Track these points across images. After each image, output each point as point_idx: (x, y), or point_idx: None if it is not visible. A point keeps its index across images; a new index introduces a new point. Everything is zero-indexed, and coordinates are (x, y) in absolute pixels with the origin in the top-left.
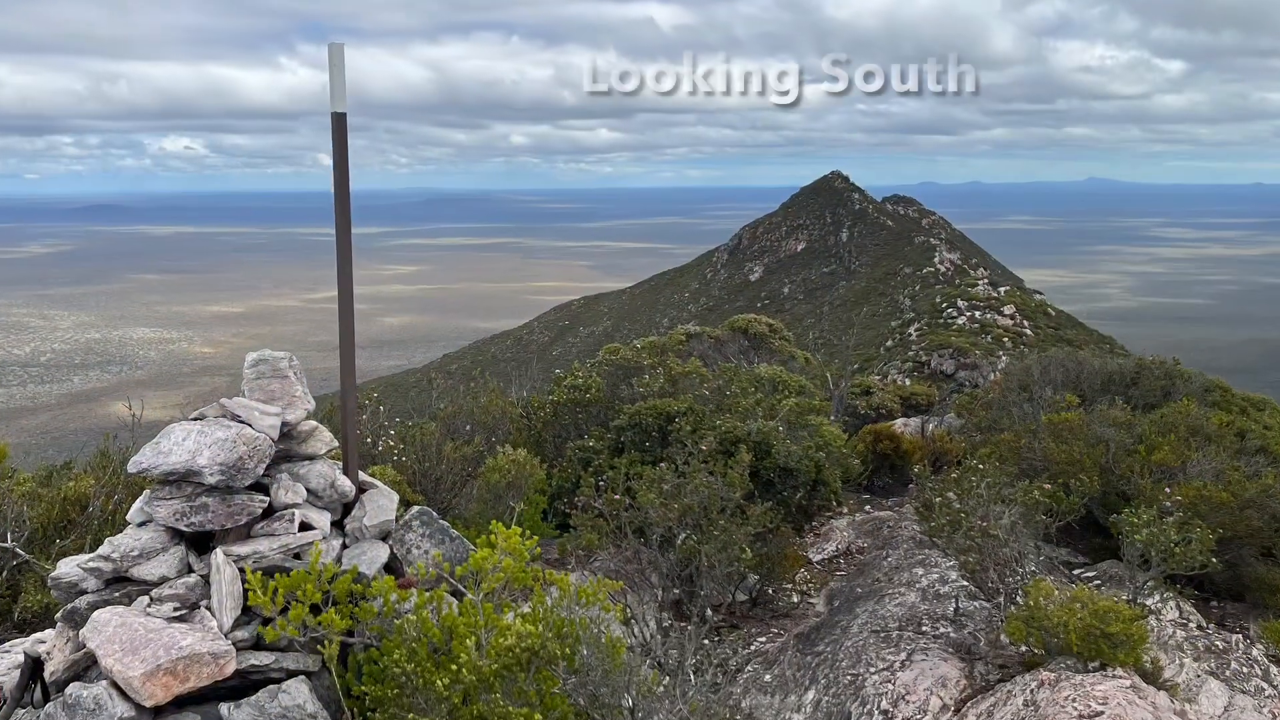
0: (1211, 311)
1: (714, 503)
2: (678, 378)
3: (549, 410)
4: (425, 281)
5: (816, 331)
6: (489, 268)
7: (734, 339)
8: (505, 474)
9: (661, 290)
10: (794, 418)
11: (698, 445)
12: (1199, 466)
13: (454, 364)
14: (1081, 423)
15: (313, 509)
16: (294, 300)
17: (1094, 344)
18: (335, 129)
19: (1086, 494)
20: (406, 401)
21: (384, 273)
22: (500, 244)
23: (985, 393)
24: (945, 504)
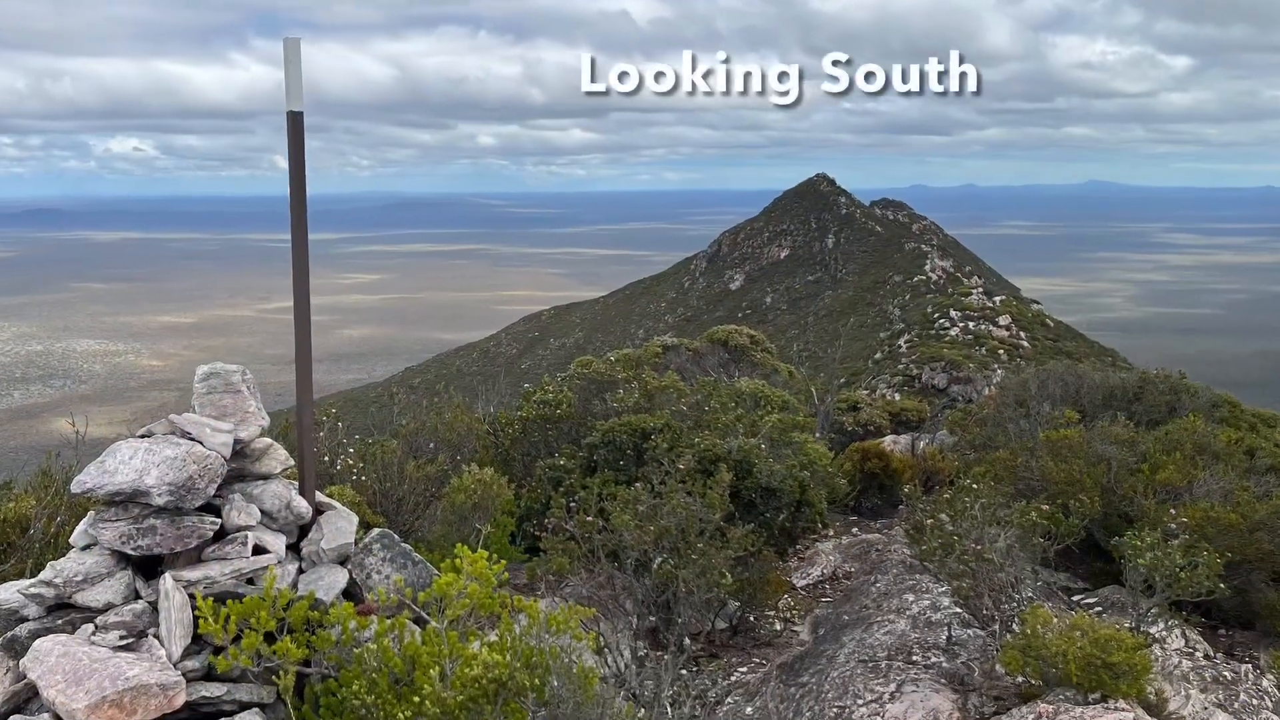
0: (1219, 322)
1: (692, 525)
2: (654, 392)
3: (517, 427)
4: (387, 291)
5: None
6: (454, 276)
7: (713, 351)
8: (471, 494)
9: (637, 300)
10: (777, 435)
11: (675, 464)
12: (1206, 486)
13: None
14: (1081, 440)
15: (267, 531)
16: (248, 310)
17: (1095, 357)
18: (291, 129)
19: (1087, 515)
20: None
21: (343, 281)
22: (466, 251)
23: (979, 408)
24: (937, 526)
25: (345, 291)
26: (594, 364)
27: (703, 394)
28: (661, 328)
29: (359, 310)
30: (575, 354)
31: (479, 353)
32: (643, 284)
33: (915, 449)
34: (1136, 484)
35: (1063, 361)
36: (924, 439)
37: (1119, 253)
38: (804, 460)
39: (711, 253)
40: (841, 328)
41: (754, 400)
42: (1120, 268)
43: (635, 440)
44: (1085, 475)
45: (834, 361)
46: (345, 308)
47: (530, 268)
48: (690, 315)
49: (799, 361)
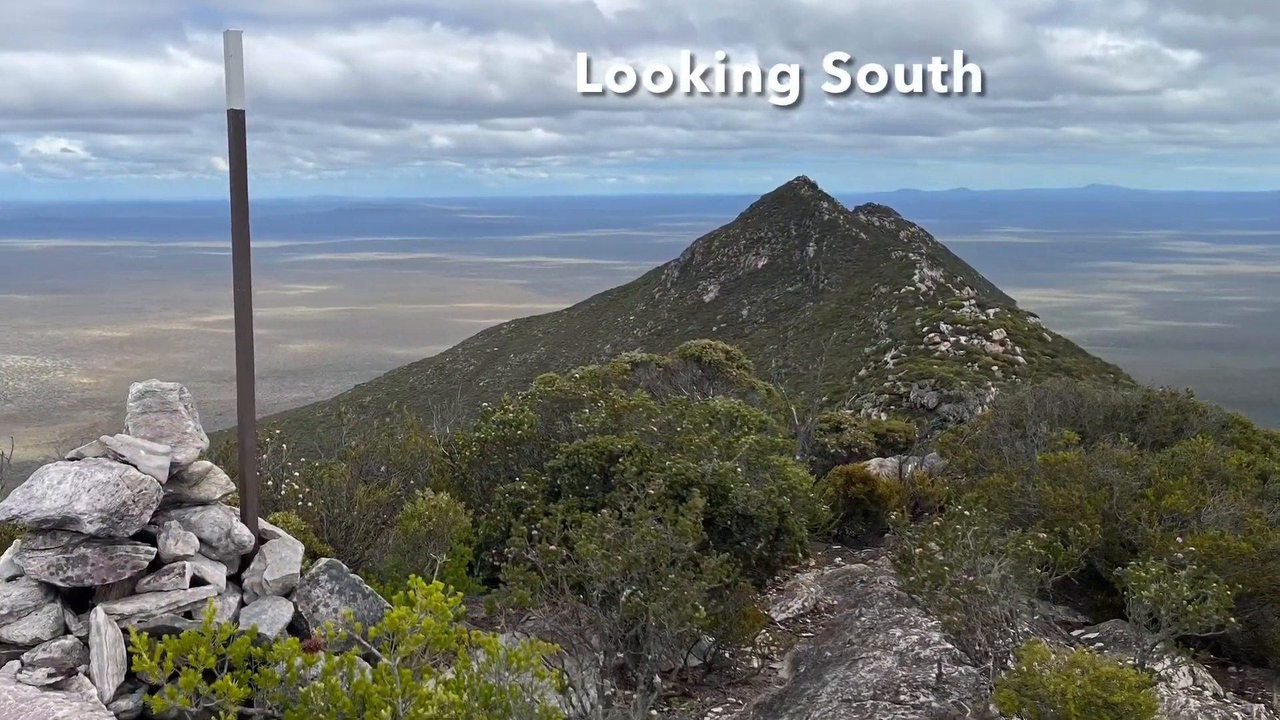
0: (1230, 336)
1: (663, 554)
2: (622, 412)
3: (475, 449)
4: (334, 302)
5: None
6: (407, 287)
7: (686, 368)
8: (425, 522)
9: (603, 312)
10: (754, 458)
11: (644, 489)
12: (1215, 513)
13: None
14: (1081, 463)
15: (206, 561)
16: (185, 324)
17: (1096, 374)
18: (232, 128)
19: (1087, 544)
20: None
21: (288, 293)
22: (420, 260)
23: (972, 429)
24: (926, 556)
25: (290, 303)
26: (557, 381)
27: (674, 414)
28: (630, 342)
29: (305, 323)
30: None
31: (434, 369)
32: (610, 295)
33: (903, 473)
34: (1140, 510)
35: (1061, 379)
36: (912, 462)
37: (1122, 262)
38: (783, 485)
39: (684, 262)
40: (824, 342)
41: (729, 420)
42: (1123, 278)
43: (602, 463)
44: (1085, 501)
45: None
46: (290, 321)
47: (489, 278)
48: (661, 329)
49: (778, 379)
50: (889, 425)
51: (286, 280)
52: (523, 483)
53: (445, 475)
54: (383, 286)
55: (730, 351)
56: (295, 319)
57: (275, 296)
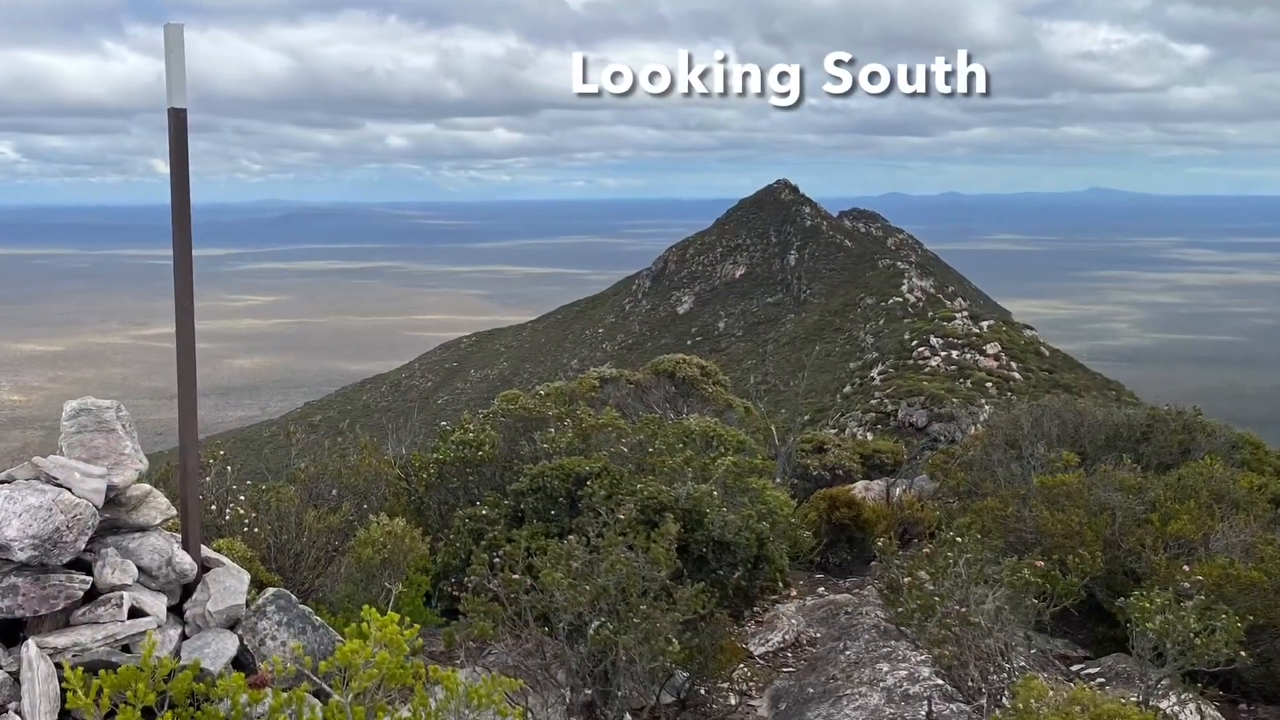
0: (1241, 350)
1: (634, 584)
2: (590, 432)
3: (433, 471)
4: (283, 314)
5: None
6: (360, 298)
7: (658, 384)
8: (380, 549)
9: (570, 325)
10: (731, 480)
11: (614, 514)
12: (1225, 540)
13: (318, 415)
14: (1081, 486)
15: (145, 591)
16: (122, 337)
17: (1097, 390)
18: (173, 128)
19: (1087, 573)
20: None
21: (233, 304)
22: (374, 269)
23: (964, 450)
24: (916, 585)
25: (235, 315)
26: (521, 399)
27: (646, 433)
28: (599, 357)
29: (251, 337)
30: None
31: (389, 386)
32: (577, 307)
33: (890, 496)
34: (1145, 537)
35: (1060, 396)
36: (900, 485)
37: (1125, 271)
38: (762, 509)
39: (656, 271)
40: (806, 357)
41: (705, 440)
42: (1126, 288)
43: (568, 486)
44: (1086, 527)
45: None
46: (235, 334)
47: (447, 288)
48: (632, 343)
49: (757, 396)
50: (875, 446)
51: (231, 290)
52: (484, 507)
53: (401, 499)
54: (334, 297)
55: (706, 367)
56: (241, 332)
57: (219, 308)
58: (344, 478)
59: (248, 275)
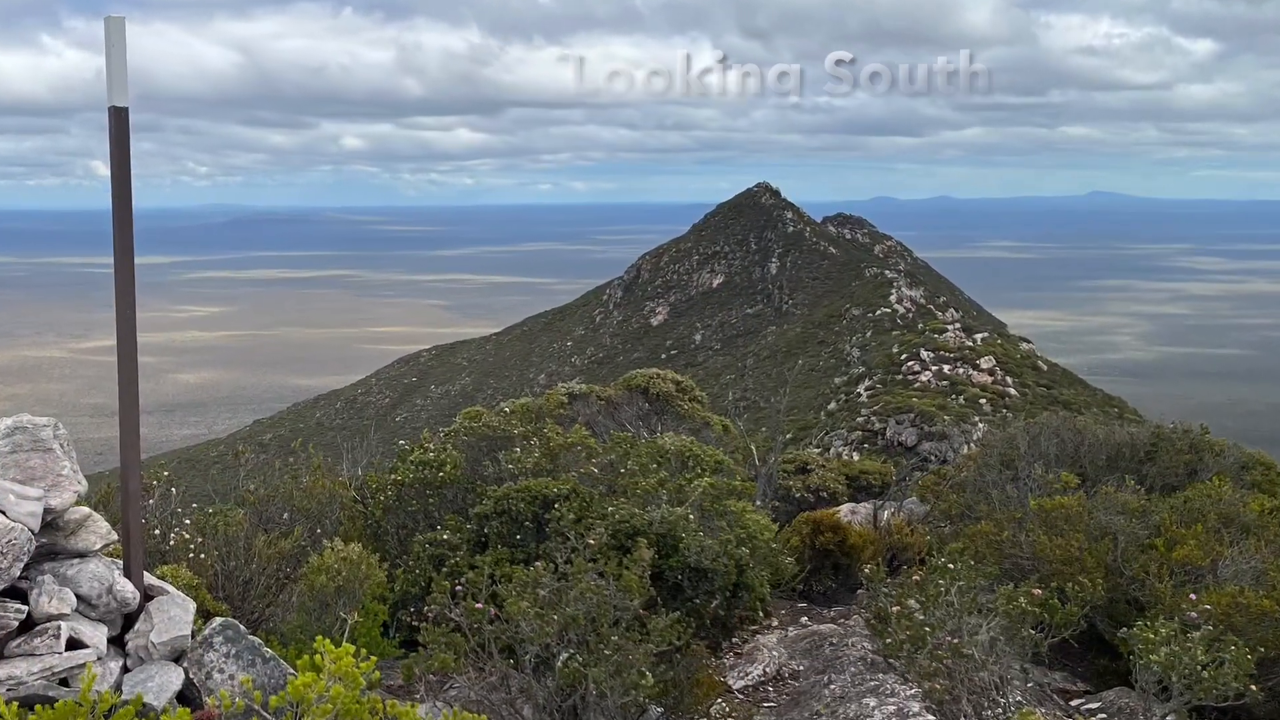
0: (1251, 365)
1: (605, 613)
2: (558, 451)
3: (391, 493)
4: (231, 326)
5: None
6: (314, 308)
7: (631, 400)
8: (334, 576)
9: (537, 338)
10: (709, 503)
11: (584, 539)
12: (1234, 566)
13: (268, 433)
14: (1081, 509)
15: (85, 621)
16: (60, 350)
17: (1098, 407)
18: (114, 127)
19: (1088, 601)
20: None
21: (178, 314)
22: (329, 277)
23: (956, 470)
24: (905, 615)
25: (180, 327)
26: (485, 417)
27: (618, 453)
28: (567, 371)
29: (197, 350)
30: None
31: (343, 402)
32: (544, 318)
33: (878, 520)
34: (1149, 563)
35: (1058, 414)
36: (889, 508)
37: (1127, 280)
38: (742, 534)
39: (628, 280)
40: (788, 372)
41: (681, 461)
42: (1129, 298)
43: (535, 510)
44: (1086, 553)
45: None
46: (180, 347)
47: (406, 298)
48: (603, 356)
49: (736, 413)
50: (862, 466)
51: (176, 301)
52: (445, 532)
53: (357, 523)
54: (286, 308)
55: (681, 382)
56: (186, 345)
57: (163, 319)
58: (296, 500)
59: (194, 285)
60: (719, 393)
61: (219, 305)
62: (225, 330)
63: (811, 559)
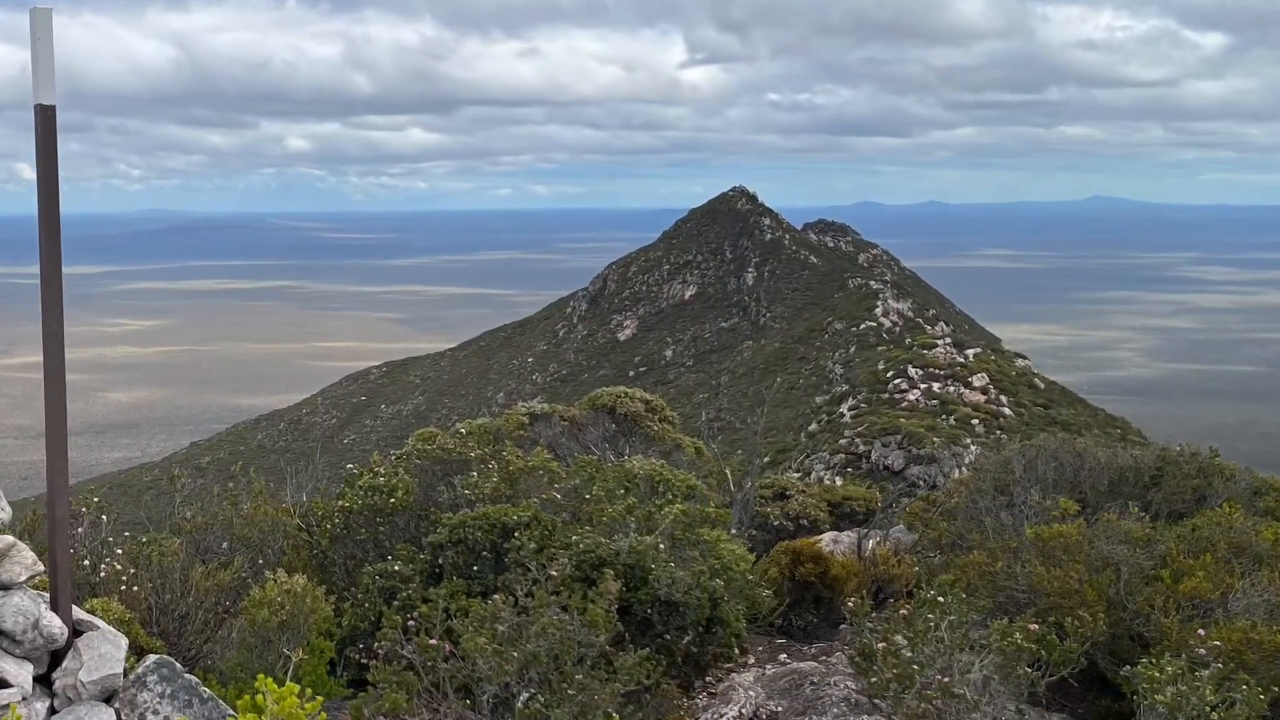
0: (1264, 382)
1: (568, 650)
2: (518, 476)
3: (338, 521)
4: (166, 341)
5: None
6: (256, 321)
7: (596, 421)
8: (277, 610)
9: (495, 353)
10: (680, 531)
11: (546, 570)
12: (1245, 599)
13: (206, 456)
14: (1081, 538)
15: (9, 658)
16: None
17: (1099, 428)
18: (41, 127)
19: (1088, 637)
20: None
21: (109, 329)
22: (272, 288)
23: (947, 496)
24: (891, 652)
25: (112, 342)
26: (439, 438)
27: (582, 478)
28: (528, 390)
29: (130, 367)
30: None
31: (287, 423)
32: (503, 333)
33: (862, 550)
34: (1154, 596)
35: (1057, 435)
36: (874, 537)
37: (1131, 291)
38: (716, 565)
39: (594, 292)
40: (765, 390)
41: (650, 486)
42: (1133, 311)
43: (493, 538)
44: (1086, 585)
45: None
46: (112, 364)
47: (355, 311)
48: (566, 374)
49: (709, 435)
50: (845, 492)
51: (107, 313)
52: (396, 562)
53: (301, 553)
54: (225, 321)
55: (651, 402)
56: (118, 361)
57: (94, 333)
58: (236, 529)
59: (126, 296)
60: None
61: (153, 318)
62: (160, 345)
63: (791, 591)
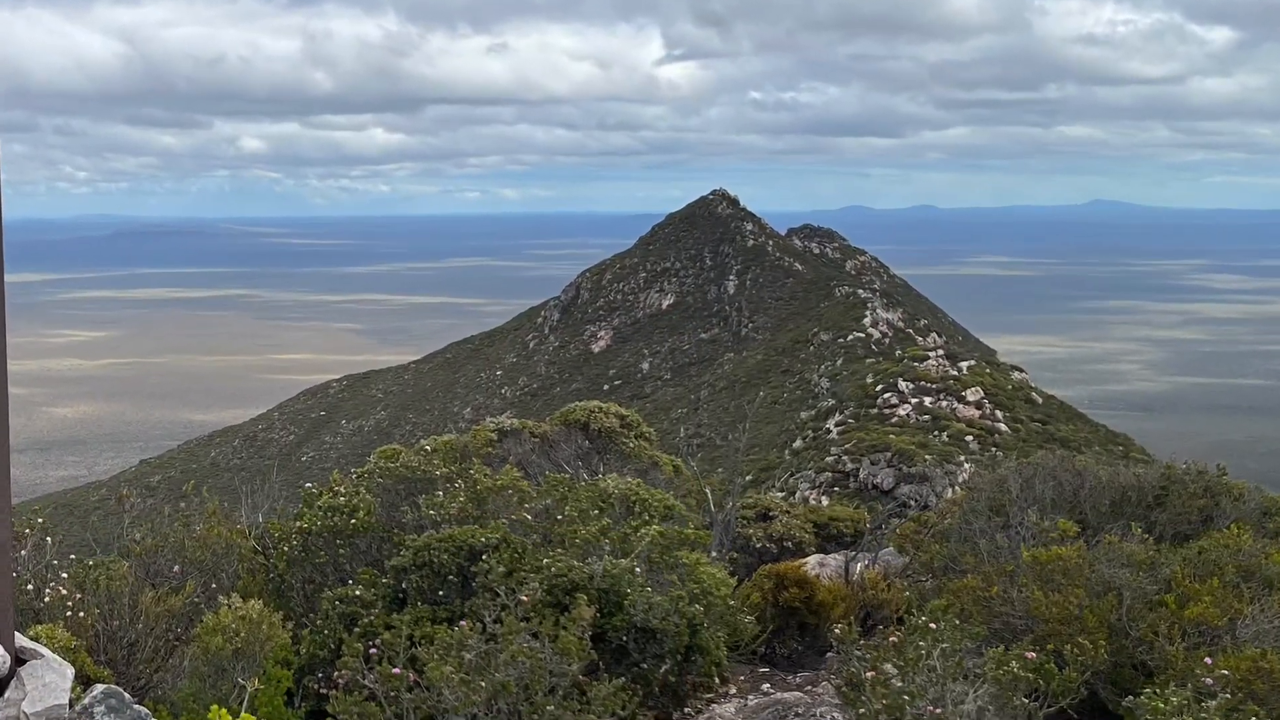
0: (1274, 397)
1: (539, 679)
2: (486, 495)
3: (296, 543)
4: (114, 353)
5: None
6: (209, 332)
7: (569, 437)
8: (231, 637)
9: (462, 366)
10: (657, 554)
11: (515, 595)
12: (1254, 626)
13: (156, 475)
14: (1081, 561)
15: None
16: None
17: (1100, 445)
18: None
19: (1089, 666)
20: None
21: (53, 340)
22: (226, 297)
23: (939, 517)
24: (881, 681)
25: (57, 354)
26: (403, 456)
27: (554, 497)
28: (497, 404)
29: (76, 380)
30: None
31: (242, 440)
32: (470, 344)
33: (850, 574)
34: (1158, 622)
35: (1055, 452)
36: (862, 560)
37: (1134, 300)
38: (695, 589)
39: (566, 301)
40: (747, 405)
41: (625, 506)
42: (1136, 321)
43: (460, 562)
44: (1087, 610)
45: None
46: (56, 377)
47: (314, 321)
48: (537, 387)
49: (688, 452)
50: (832, 512)
51: (52, 324)
52: (357, 587)
53: (257, 577)
54: (177, 332)
55: (626, 417)
56: (64, 374)
57: (37, 345)
58: (188, 551)
59: (72, 306)
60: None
61: (101, 329)
62: (108, 358)
63: (774, 618)
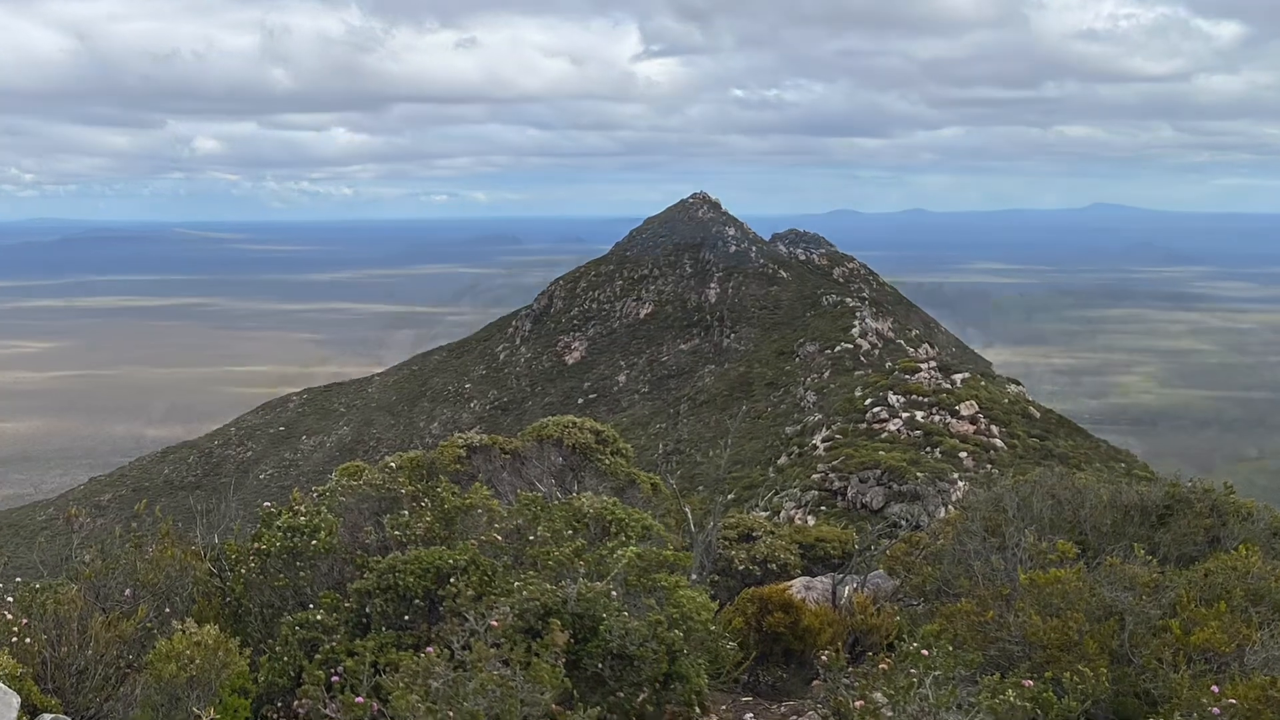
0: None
1: (511, 708)
2: (454, 514)
3: (254, 565)
4: (63, 364)
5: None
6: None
7: (542, 454)
8: (185, 664)
9: (429, 379)
10: (634, 577)
11: (485, 620)
12: (1263, 652)
13: (106, 493)
14: (1081, 584)
15: None
16: None
17: (1101, 462)
18: None
19: (1089, 695)
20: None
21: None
22: (180, 306)
23: (932, 538)
24: (870, 710)
25: (1, 366)
26: (366, 473)
27: (526, 517)
28: (465, 419)
29: (22, 393)
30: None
31: (197, 456)
32: (437, 355)
33: (837, 597)
34: (1162, 648)
35: (1054, 469)
36: (850, 583)
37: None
38: (674, 614)
39: (539, 310)
40: (729, 420)
41: (601, 526)
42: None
43: (427, 585)
44: (1087, 636)
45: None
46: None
47: (273, 330)
48: (507, 401)
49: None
50: (818, 533)
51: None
52: (319, 611)
53: (213, 601)
54: (128, 343)
55: (602, 432)
56: (9, 387)
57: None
58: (140, 574)
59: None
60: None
61: (48, 340)
62: (56, 370)
63: (758, 644)
